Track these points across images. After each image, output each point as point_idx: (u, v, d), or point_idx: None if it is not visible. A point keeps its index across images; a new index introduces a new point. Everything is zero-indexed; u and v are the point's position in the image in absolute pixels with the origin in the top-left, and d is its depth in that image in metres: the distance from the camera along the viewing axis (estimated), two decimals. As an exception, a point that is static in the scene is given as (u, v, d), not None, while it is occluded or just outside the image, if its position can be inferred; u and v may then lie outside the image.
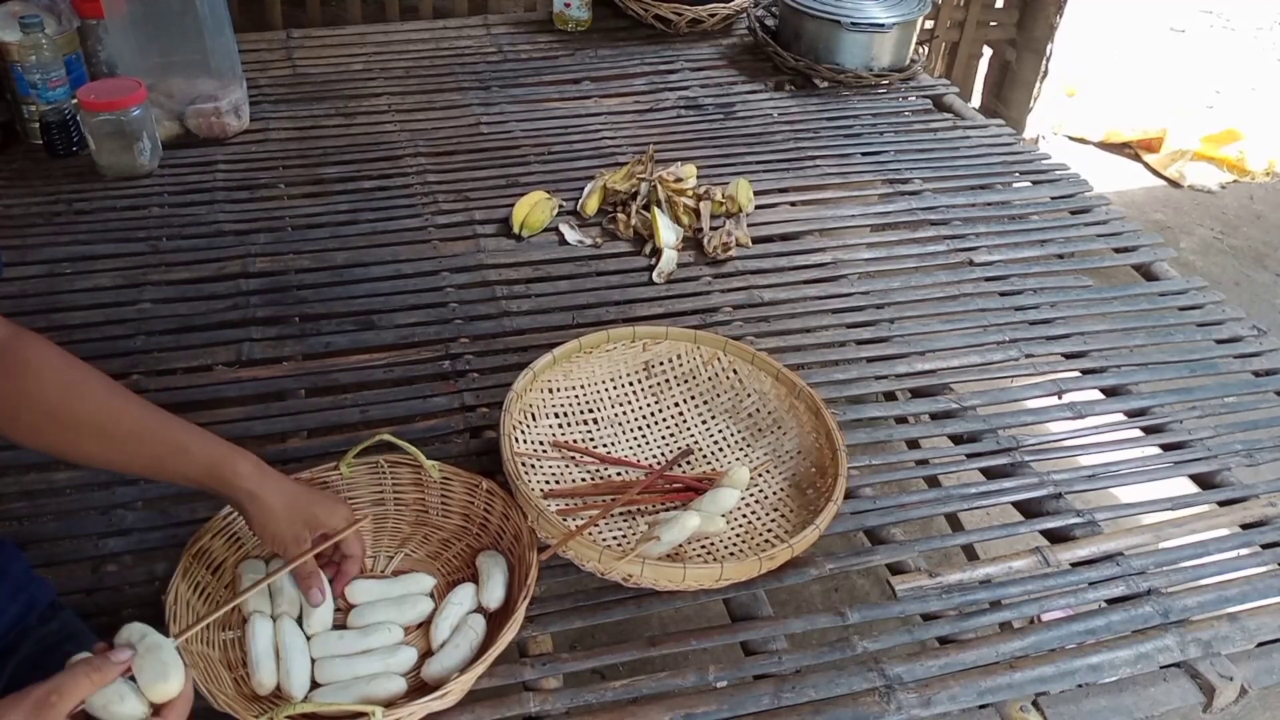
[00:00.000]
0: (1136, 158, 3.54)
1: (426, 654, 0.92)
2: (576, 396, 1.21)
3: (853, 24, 1.96)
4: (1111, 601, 1.03)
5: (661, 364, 1.25)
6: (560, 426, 1.18)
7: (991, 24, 2.97)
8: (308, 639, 0.91)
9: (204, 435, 0.89)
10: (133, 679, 0.72)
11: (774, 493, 1.13)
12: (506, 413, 1.08)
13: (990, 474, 1.20)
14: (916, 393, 1.31)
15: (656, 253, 1.51)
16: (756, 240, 1.56)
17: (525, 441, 1.14)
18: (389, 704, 0.84)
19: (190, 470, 0.87)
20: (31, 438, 0.84)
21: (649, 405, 1.23)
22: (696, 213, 1.56)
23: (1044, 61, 2.90)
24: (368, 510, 1.06)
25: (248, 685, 0.88)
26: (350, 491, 1.05)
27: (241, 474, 0.88)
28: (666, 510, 1.08)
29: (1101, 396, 1.31)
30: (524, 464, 1.11)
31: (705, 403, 1.23)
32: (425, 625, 0.95)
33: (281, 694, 0.88)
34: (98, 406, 0.85)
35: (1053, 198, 1.73)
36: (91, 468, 1.08)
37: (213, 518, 0.97)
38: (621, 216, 1.56)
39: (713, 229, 1.53)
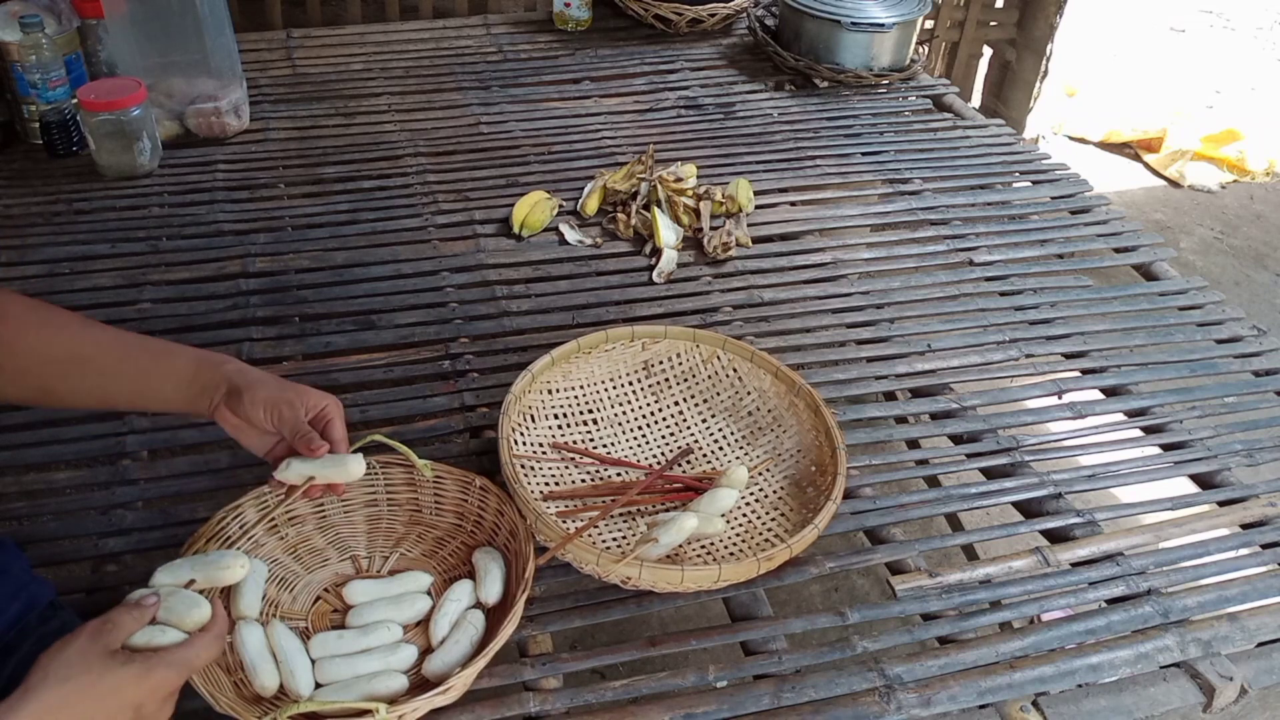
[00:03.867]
0: (1136, 158, 3.55)
1: (427, 651, 0.92)
2: (576, 397, 1.21)
3: (853, 24, 1.96)
4: (1111, 601, 1.03)
5: (660, 363, 1.25)
6: (559, 427, 1.18)
7: (991, 24, 2.97)
8: (304, 641, 0.92)
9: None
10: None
11: (774, 491, 1.13)
12: (505, 415, 1.08)
13: (990, 474, 1.20)
14: (916, 393, 1.31)
15: (656, 253, 1.51)
16: (756, 240, 1.56)
17: (524, 444, 1.14)
18: (392, 701, 0.85)
19: (178, 367, 0.90)
20: (15, 385, 0.86)
21: (648, 405, 1.23)
22: (696, 213, 1.56)
23: (1044, 61, 2.90)
24: (362, 511, 1.06)
25: (248, 688, 0.88)
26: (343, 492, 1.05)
27: (228, 361, 0.92)
28: (666, 510, 1.08)
29: (1101, 396, 1.31)
30: (523, 466, 1.11)
31: (705, 401, 1.23)
32: (424, 623, 0.95)
33: (286, 695, 0.87)
34: (75, 334, 0.89)
35: (1053, 198, 1.73)
36: (78, 407, 1.10)
37: (209, 520, 0.97)
38: (621, 216, 1.57)
39: (713, 229, 1.53)
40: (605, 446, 1.18)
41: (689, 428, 1.21)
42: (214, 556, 0.87)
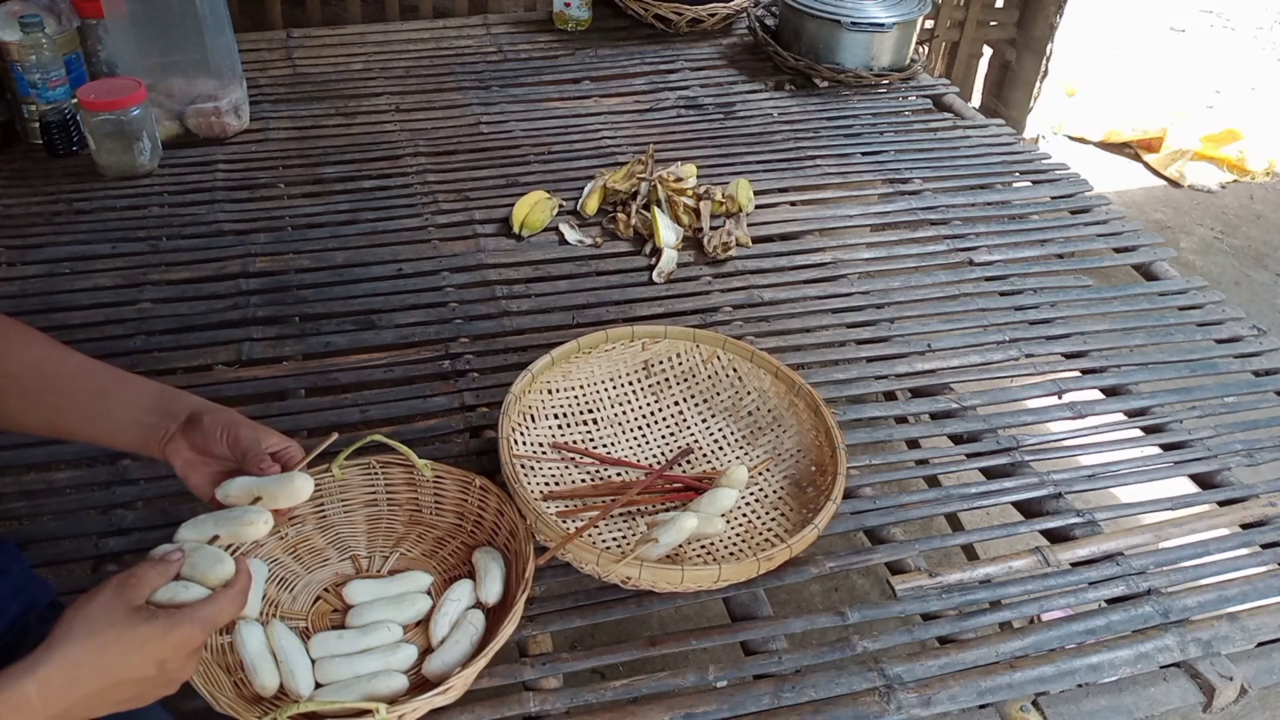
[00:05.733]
0: (1136, 158, 3.55)
1: (427, 651, 0.92)
2: (576, 397, 1.21)
3: (853, 24, 1.96)
4: (1111, 601, 1.03)
5: (660, 363, 1.25)
6: (559, 427, 1.18)
7: (991, 24, 2.97)
8: (304, 640, 0.91)
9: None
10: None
11: (774, 491, 1.13)
12: (505, 415, 1.08)
13: (990, 474, 1.20)
14: (916, 392, 1.31)
15: (656, 252, 1.51)
16: (756, 240, 1.56)
17: (524, 443, 1.14)
18: (392, 701, 0.85)
19: (140, 392, 0.87)
20: None
21: (648, 405, 1.23)
22: (696, 212, 1.56)
23: (1044, 61, 2.90)
24: (362, 511, 1.06)
25: (248, 688, 0.87)
26: (343, 493, 1.05)
27: (189, 395, 0.89)
28: (666, 510, 1.08)
29: (1101, 396, 1.31)
30: (523, 466, 1.11)
31: (705, 401, 1.23)
32: (424, 623, 0.95)
33: (286, 695, 0.87)
34: (38, 351, 0.86)
35: (1053, 197, 1.73)
36: (27, 430, 1.01)
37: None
38: (621, 216, 1.57)
39: (713, 229, 1.53)
40: (605, 446, 1.18)
41: (689, 428, 1.21)
42: (237, 512, 0.85)
